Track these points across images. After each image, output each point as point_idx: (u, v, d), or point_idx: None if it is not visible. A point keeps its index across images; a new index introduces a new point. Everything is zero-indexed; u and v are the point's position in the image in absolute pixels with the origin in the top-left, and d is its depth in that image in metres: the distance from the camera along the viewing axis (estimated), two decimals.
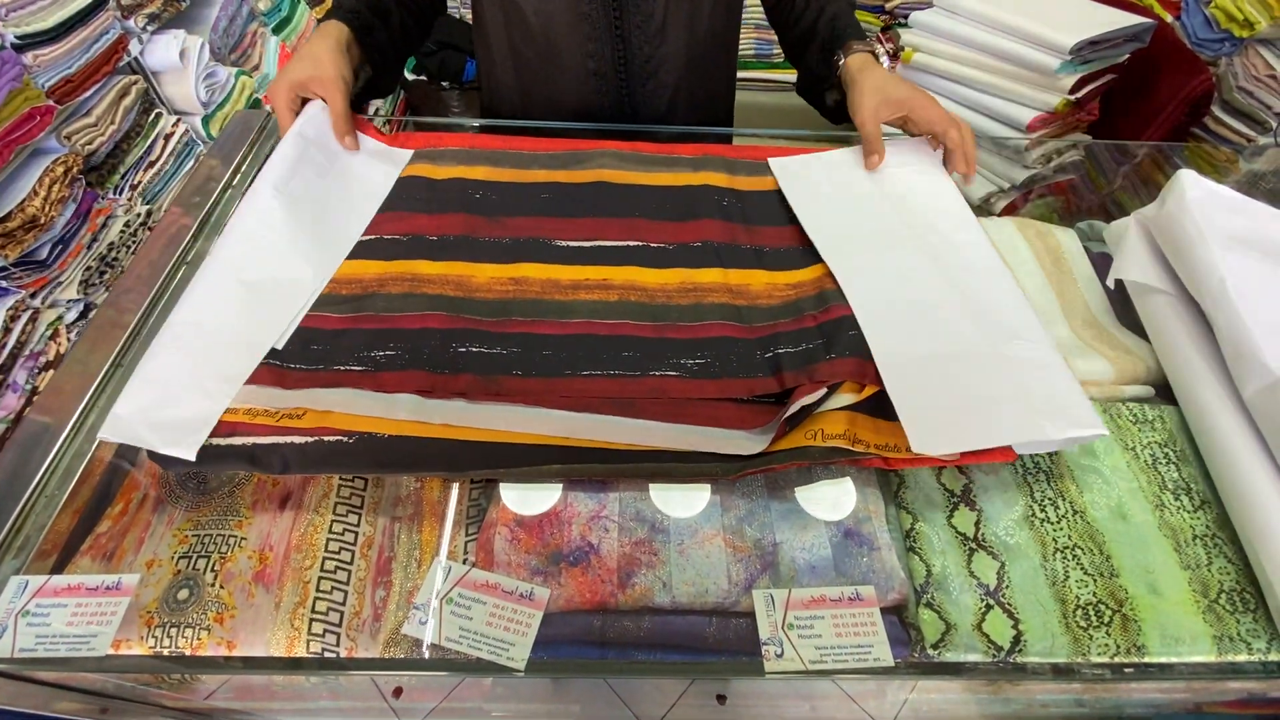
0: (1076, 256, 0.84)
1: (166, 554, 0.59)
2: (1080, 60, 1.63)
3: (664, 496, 0.61)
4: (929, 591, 0.57)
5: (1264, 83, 1.75)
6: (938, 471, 0.64)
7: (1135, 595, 0.56)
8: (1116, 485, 0.63)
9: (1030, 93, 1.70)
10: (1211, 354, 0.66)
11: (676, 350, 0.65)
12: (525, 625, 0.53)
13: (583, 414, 0.60)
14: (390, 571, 0.60)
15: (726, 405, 0.61)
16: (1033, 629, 0.55)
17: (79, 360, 0.70)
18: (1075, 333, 0.77)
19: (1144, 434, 0.66)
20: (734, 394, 0.62)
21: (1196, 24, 1.86)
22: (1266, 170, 1.41)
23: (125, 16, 1.49)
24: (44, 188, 1.29)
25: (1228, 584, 0.57)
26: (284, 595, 0.57)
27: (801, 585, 0.56)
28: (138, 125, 1.55)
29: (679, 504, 0.61)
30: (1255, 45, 1.78)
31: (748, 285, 0.72)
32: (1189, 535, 0.60)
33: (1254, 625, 0.55)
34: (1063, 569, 0.58)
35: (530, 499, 0.60)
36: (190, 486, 0.63)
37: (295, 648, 0.55)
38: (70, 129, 1.40)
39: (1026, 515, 0.61)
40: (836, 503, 0.61)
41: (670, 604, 0.56)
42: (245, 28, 1.85)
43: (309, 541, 0.60)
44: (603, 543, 0.58)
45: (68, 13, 1.34)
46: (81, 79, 1.39)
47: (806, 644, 0.52)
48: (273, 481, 0.64)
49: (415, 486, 0.65)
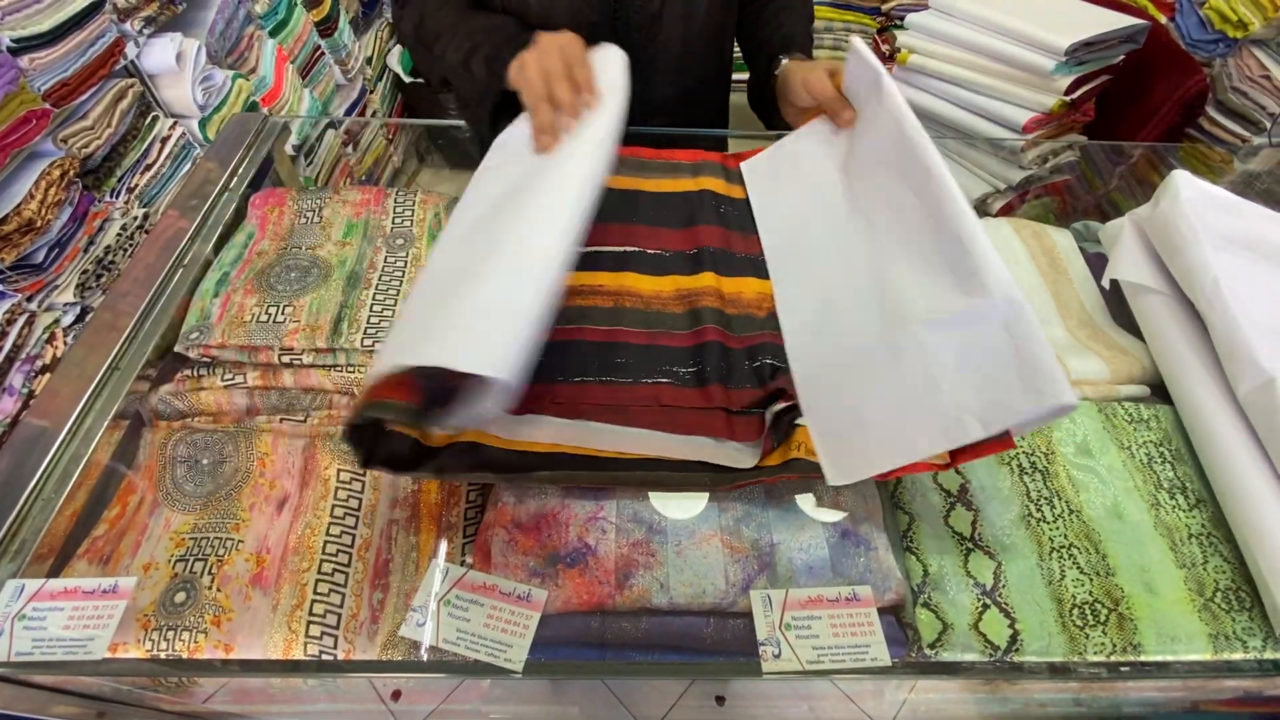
0: (1072, 257, 0.85)
1: (163, 557, 0.59)
2: (1075, 61, 1.64)
3: (661, 498, 0.61)
4: (926, 591, 0.57)
5: (1258, 83, 1.75)
6: (934, 473, 0.64)
7: (1131, 594, 0.57)
8: (1112, 484, 0.63)
9: (1026, 94, 1.71)
10: (1206, 353, 0.67)
11: (669, 358, 0.65)
12: (523, 627, 0.53)
13: (575, 421, 0.60)
14: (388, 574, 0.60)
15: (717, 414, 0.61)
16: (1029, 628, 0.55)
17: (75, 363, 0.70)
18: (1071, 333, 0.77)
19: (1139, 433, 0.67)
20: (724, 403, 0.62)
21: (1191, 25, 1.86)
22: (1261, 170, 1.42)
23: (122, 19, 1.49)
24: (40, 191, 1.29)
25: (1223, 582, 0.58)
26: (281, 598, 0.57)
27: (799, 586, 0.56)
28: (134, 128, 1.54)
29: (676, 505, 0.61)
30: (1249, 46, 1.79)
31: (740, 293, 0.72)
32: (1185, 534, 0.60)
33: (1250, 623, 0.56)
34: (1059, 568, 0.58)
35: (528, 501, 0.60)
36: (187, 489, 0.63)
37: (292, 650, 0.55)
38: (67, 132, 1.39)
39: (1023, 515, 0.61)
40: (834, 503, 0.61)
41: (668, 605, 0.56)
42: (242, 30, 1.85)
43: (306, 544, 0.60)
44: (600, 544, 0.58)
45: (64, 16, 1.34)
46: (78, 82, 1.38)
47: (804, 644, 0.52)
48: (270, 484, 0.64)
49: (413, 489, 0.65)
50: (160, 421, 0.69)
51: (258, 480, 0.64)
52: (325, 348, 0.69)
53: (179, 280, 0.78)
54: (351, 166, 2.31)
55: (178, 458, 0.65)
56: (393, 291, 0.75)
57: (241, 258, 0.79)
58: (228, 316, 0.71)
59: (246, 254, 0.80)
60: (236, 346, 0.69)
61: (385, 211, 0.85)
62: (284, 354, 0.69)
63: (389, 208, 0.86)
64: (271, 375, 0.69)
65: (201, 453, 0.65)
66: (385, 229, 0.83)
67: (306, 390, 0.70)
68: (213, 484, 0.64)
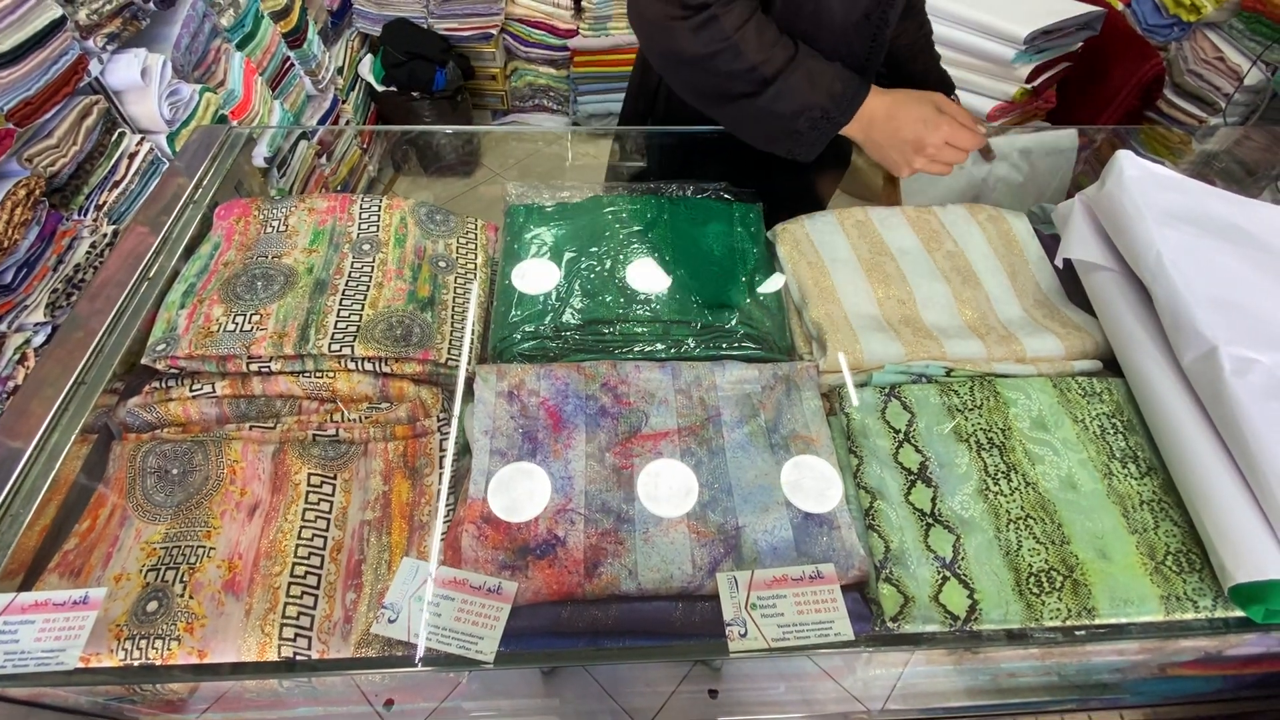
0: (1027, 239, 0.87)
1: (135, 567, 0.59)
2: (1034, 50, 1.67)
3: (628, 486, 0.62)
4: (888, 567, 0.58)
5: (1213, 65, 1.80)
6: (895, 449, 0.65)
7: (1085, 561, 0.58)
8: (1067, 456, 0.65)
9: (988, 83, 1.74)
10: (1153, 325, 0.69)
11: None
12: (493, 619, 0.54)
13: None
14: (361, 574, 0.61)
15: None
16: (987, 597, 0.56)
17: (42, 379, 0.70)
18: (1027, 312, 0.79)
19: (1092, 406, 0.69)
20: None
21: (1146, 10, 1.91)
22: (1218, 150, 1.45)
23: (84, 37, 1.48)
24: (6, 211, 1.27)
25: (1174, 546, 0.60)
26: (254, 602, 0.58)
27: (764, 566, 0.58)
28: (100, 145, 1.53)
29: (645, 493, 0.62)
30: (1203, 29, 1.83)
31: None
32: (1136, 501, 0.62)
33: (1200, 584, 0.58)
34: (1016, 539, 0.60)
35: (497, 495, 0.61)
36: (158, 500, 0.64)
37: (266, 653, 0.55)
38: (31, 151, 1.38)
39: (980, 489, 0.63)
40: (797, 485, 0.63)
41: (637, 591, 0.57)
42: (208, 44, 1.84)
43: (278, 548, 0.61)
44: (569, 535, 0.59)
45: (25, 35, 1.32)
46: (41, 101, 1.37)
47: (769, 623, 0.54)
48: (240, 490, 0.64)
49: (384, 490, 0.66)
50: (129, 434, 0.69)
51: (228, 487, 0.64)
52: (293, 354, 0.70)
53: (144, 293, 0.78)
54: (326, 177, 2.30)
55: (148, 469, 0.65)
56: (360, 296, 0.76)
57: (208, 269, 0.79)
58: (194, 327, 0.71)
59: (212, 265, 0.80)
60: (204, 357, 0.69)
61: (351, 218, 0.86)
62: (252, 362, 0.69)
63: (355, 214, 0.86)
64: (240, 383, 0.70)
65: (171, 463, 0.66)
66: (351, 235, 0.84)
67: (276, 397, 0.70)
68: (183, 493, 0.64)
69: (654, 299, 0.78)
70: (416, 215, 0.87)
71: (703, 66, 0.78)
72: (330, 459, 0.67)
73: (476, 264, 0.86)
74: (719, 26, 0.75)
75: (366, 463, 0.68)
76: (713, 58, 0.77)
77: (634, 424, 0.67)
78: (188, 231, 0.86)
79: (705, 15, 0.75)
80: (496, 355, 0.75)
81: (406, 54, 2.54)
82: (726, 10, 0.75)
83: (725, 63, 0.77)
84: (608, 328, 0.75)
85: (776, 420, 0.68)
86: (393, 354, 0.70)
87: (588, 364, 0.71)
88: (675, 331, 0.75)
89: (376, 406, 0.71)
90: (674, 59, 0.81)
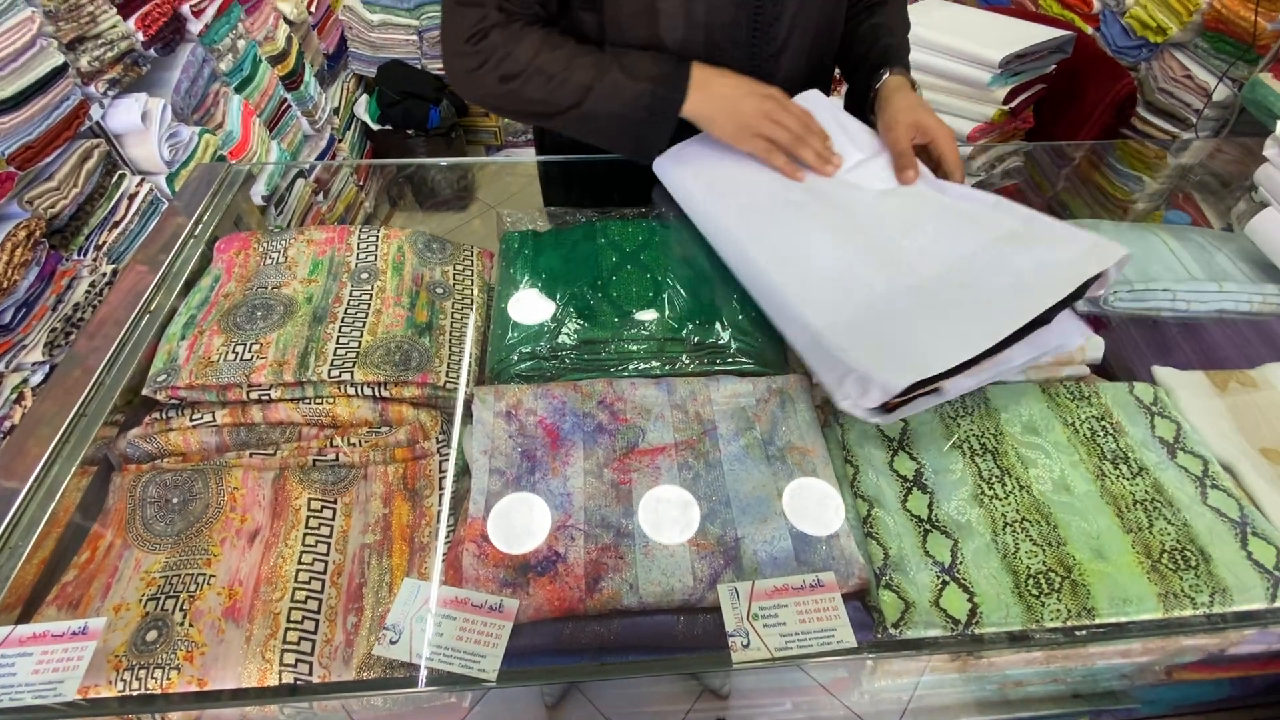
0: None
1: (134, 597, 0.59)
2: (1010, 73, 1.73)
3: (628, 502, 0.63)
4: (887, 573, 0.59)
5: (1181, 83, 1.86)
6: (890, 458, 0.66)
7: (1082, 561, 0.59)
8: (1059, 459, 0.66)
9: (967, 105, 1.79)
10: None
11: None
12: (495, 637, 0.54)
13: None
14: (362, 598, 0.61)
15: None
16: (987, 600, 0.57)
17: (39, 417, 0.70)
18: None
19: (1081, 409, 0.70)
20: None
21: (1115, 33, 1.98)
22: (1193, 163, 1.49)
23: (86, 83, 1.52)
24: (6, 253, 1.29)
25: (1169, 544, 0.60)
26: (255, 629, 0.58)
27: (764, 577, 0.58)
28: (101, 187, 1.56)
29: (644, 508, 0.63)
30: (1170, 50, 1.90)
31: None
32: (1129, 501, 0.63)
33: (1196, 580, 0.58)
34: (1013, 542, 0.60)
35: (496, 513, 0.62)
36: (157, 529, 0.64)
37: (268, 679, 0.55)
38: (32, 194, 1.40)
39: (976, 494, 0.64)
40: (795, 495, 0.63)
41: (638, 605, 0.57)
42: (207, 88, 1.89)
43: (279, 574, 0.61)
44: (569, 551, 0.59)
45: (27, 82, 1.36)
46: (42, 145, 1.40)
47: (771, 632, 0.54)
48: (241, 517, 0.64)
49: (384, 513, 0.66)
50: (129, 465, 0.69)
51: (228, 515, 0.65)
52: (293, 381, 0.70)
53: (144, 327, 0.79)
54: (323, 214, 2.33)
55: (147, 499, 0.65)
56: (359, 324, 0.77)
57: (208, 301, 0.81)
58: (195, 358, 0.72)
59: (213, 297, 0.81)
60: (205, 386, 0.70)
61: (349, 248, 0.88)
62: (252, 390, 0.70)
63: (353, 244, 0.88)
64: (240, 412, 0.70)
65: (171, 492, 0.66)
66: (350, 264, 0.85)
67: (276, 424, 0.71)
68: (183, 522, 0.64)
69: (647, 317, 0.79)
70: (414, 244, 0.89)
71: (520, 96, 0.83)
72: (330, 483, 0.67)
73: (473, 289, 0.87)
74: (514, 60, 0.80)
75: (366, 486, 0.68)
76: (523, 87, 0.81)
77: (631, 440, 0.68)
78: (187, 267, 0.87)
79: (498, 56, 0.80)
80: (494, 377, 0.76)
81: (401, 93, 2.60)
82: (517, 43, 0.80)
83: (536, 88, 0.81)
84: (603, 347, 0.76)
85: (772, 432, 0.68)
86: (392, 378, 0.71)
87: (584, 382, 0.72)
88: (669, 349, 0.76)
89: (376, 430, 0.72)
90: (493, 101, 0.86)
